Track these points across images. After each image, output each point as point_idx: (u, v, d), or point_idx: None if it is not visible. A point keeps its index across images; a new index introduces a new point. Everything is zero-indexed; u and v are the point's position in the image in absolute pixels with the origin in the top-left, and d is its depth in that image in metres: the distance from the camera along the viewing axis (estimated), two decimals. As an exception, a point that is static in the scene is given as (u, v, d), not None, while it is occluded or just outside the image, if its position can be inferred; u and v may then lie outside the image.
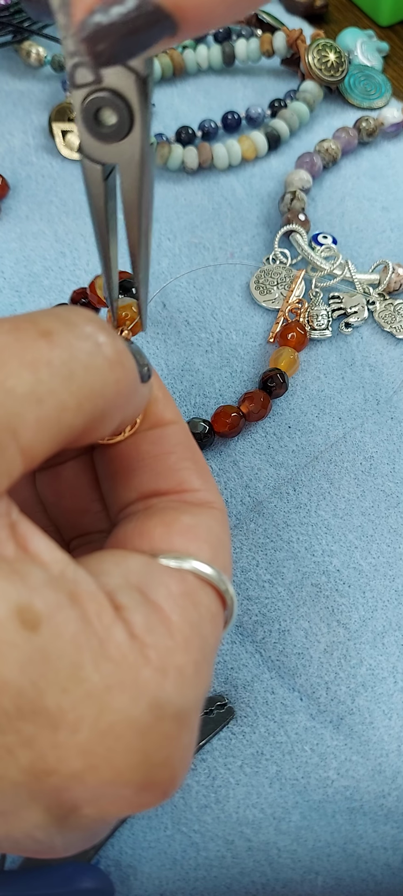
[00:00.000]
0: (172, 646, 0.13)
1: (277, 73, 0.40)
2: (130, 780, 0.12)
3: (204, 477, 0.16)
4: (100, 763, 0.12)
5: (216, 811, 0.21)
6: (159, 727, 0.12)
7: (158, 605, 0.13)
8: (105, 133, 0.14)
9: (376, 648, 0.23)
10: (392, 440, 0.28)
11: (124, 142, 0.14)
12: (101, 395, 0.13)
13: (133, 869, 0.20)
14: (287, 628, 0.24)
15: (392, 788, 0.21)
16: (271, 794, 0.21)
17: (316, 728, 0.22)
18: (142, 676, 0.12)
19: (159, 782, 0.12)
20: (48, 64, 0.38)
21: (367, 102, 0.38)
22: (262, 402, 0.27)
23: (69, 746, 0.11)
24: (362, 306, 0.30)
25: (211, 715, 0.22)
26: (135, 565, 0.14)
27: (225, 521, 0.16)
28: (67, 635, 0.11)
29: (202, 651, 0.13)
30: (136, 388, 0.15)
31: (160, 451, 0.16)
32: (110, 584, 0.13)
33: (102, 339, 0.13)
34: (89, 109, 0.14)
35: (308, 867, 0.20)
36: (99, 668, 0.11)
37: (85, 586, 0.12)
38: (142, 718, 0.12)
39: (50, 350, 0.12)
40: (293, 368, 0.28)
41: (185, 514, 0.15)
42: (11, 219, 0.33)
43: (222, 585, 0.14)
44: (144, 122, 0.14)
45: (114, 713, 0.12)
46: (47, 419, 0.12)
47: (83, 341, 0.13)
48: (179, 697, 0.12)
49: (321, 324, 0.29)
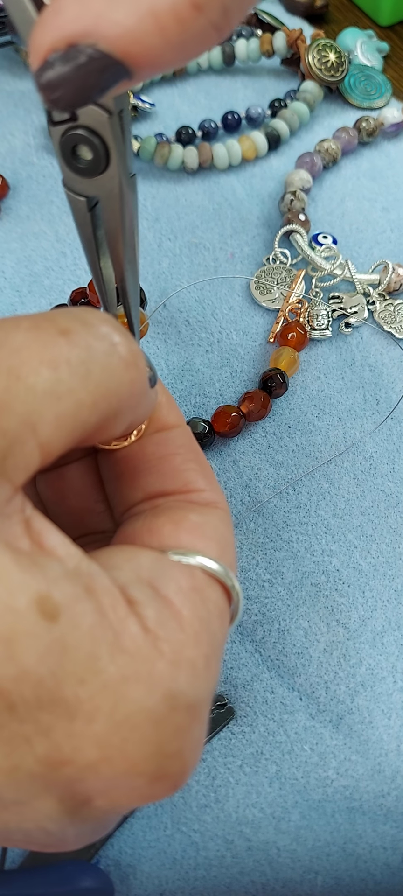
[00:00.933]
0: (184, 639, 0.13)
1: (277, 73, 0.40)
2: (143, 770, 0.12)
3: (209, 478, 0.17)
4: (115, 754, 0.12)
5: (216, 811, 0.21)
6: (172, 718, 0.12)
7: (169, 600, 0.13)
8: (83, 168, 0.14)
9: (375, 648, 0.23)
10: (391, 440, 0.28)
11: (102, 176, 0.14)
12: (116, 394, 0.13)
13: (133, 868, 0.20)
14: (286, 628, 0.24)
15: (392, 788, 0.21)
16: (271, 794, 0.21)
17: (316, 727, 0.22)
18: (156, 668, 0.12)
19: (171, 774, 0.13)
20: (48, 64, 0.38)
21: (367, 102, 0.38)
22: (262, 402, 0.27)
23: (85, 736, 0.11)
24: (362, 306, 0.30)
25: (211, 715, 0.22)
26: (146, 561, 0.14)
27: (229, 520, 0.16)
28: (85, 626, 0.11)
29: (211, 645, 0.14)
30: (147, 389, 0.15)
31: (165, 453, 0.16)
32: (122, 579, 0.13)
33: (117, 340, 0.13)
34: (66, 145, 0.14)
35: (307, 867, 0.20)
36: (115, 660, 0.12)
37: (99, 580, 0.12)
38: (156, 709, 0.12)
39: (69, 349, 0.12)
40: (293, 368, 0.28)
41: (192, 512, 0.15)
42: (12, 219, 0.33)
43: (229, 581, 0.15)
44: (121, 156, 0.14)
45: (130, 704, 0.12)
46: (65, 416, 0.12)
47: (99, 341, 0.13)
48: (191, 690, 0.13)
49: (321, 324, 0.29)
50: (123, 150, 0.14)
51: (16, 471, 0.12)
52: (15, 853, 0.20)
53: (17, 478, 0.12)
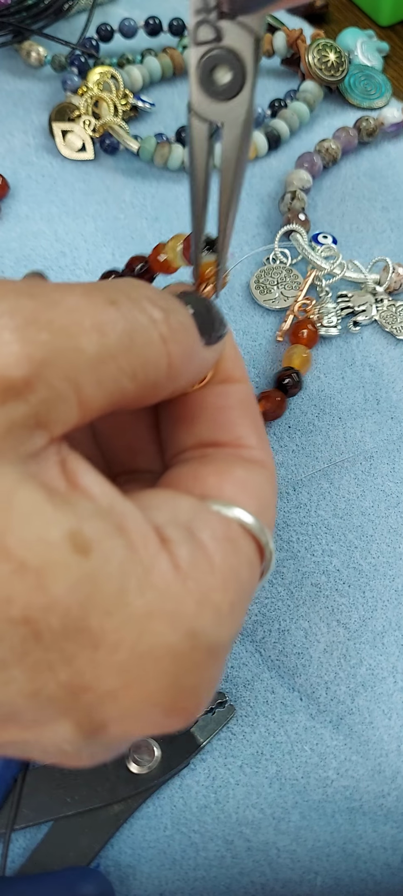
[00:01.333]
0: (213, 583, 0.13)
1: (277, 73, 0.40)
2: (160, 701, 0.13)
3: (261, 437, 0.17)
4: (134, 682, 0.12)
5: (215, 811, 0.21)
6: (192, 656, 0.13)
7: (203, 544, 0.14)
8: (217, 91, 0.15)
9: (376, 648, 0.23)
10: (392, 440, 0.28)
11: (234, 101, 0.15)
12: (155, 366, 0.14)
13: (132, 869, 0.20)
14: (286, 628, 0.24)
15: (392, 788, 0.21)
16: (271, 794, 0.21)
17: (316, 728, 0.22)
18: (182, 606, 0.13)
19: (185, 707, 0.13)
20: (48, 64, 0.38)
21: (367, 102, 0.38)
22: (278, 401, 0.27)
23: (107, 665, 0.12)
24: (370, 305, 0.30)
25: (212, 714, 0.22)
26: (185, 505, 0.14)
27: (273, 481, 0.17)
28: (115, 561, 0.12)
29: (238, 593, 0.14)
30: (193, 357, 0.15)
31: (223, 405, 0.17)
32: (159, 519, 0.14)
33: (158, 316, 0.14)
34: (206, 66, 0.15)
35: (307, 867, 0.20)
36: (143, 594, 0.12)
37: (132, 518, 0.13)
38: (178, 645, 0.13)
39: (116, 318, 0.13)
40: (306, 367, 0.28)
41: (239, 467, 0.16)
42: (11, 218, 0.33)
43: (263, 538, 0.15)
44: (253, 83, 0.15)
45: (153, 637, 0.12)
46: (106, 380, 0.13)
47: (142, 314, 0.14)
48: (214, 631, 0.13)
49: (331, 321, 0.29)
50: (255, 77, 0.15)
51: (56, 423, 0.12)
52: (16, 861, 0.20)
53: (55, 430, 0.12)
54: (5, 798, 0.20)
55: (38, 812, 0.20)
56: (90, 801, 0.20)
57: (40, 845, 0.19)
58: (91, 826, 0.20)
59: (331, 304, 0.30)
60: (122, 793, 0.20)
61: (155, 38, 0.39)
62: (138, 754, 0.21)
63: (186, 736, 0.21)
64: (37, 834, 0.20)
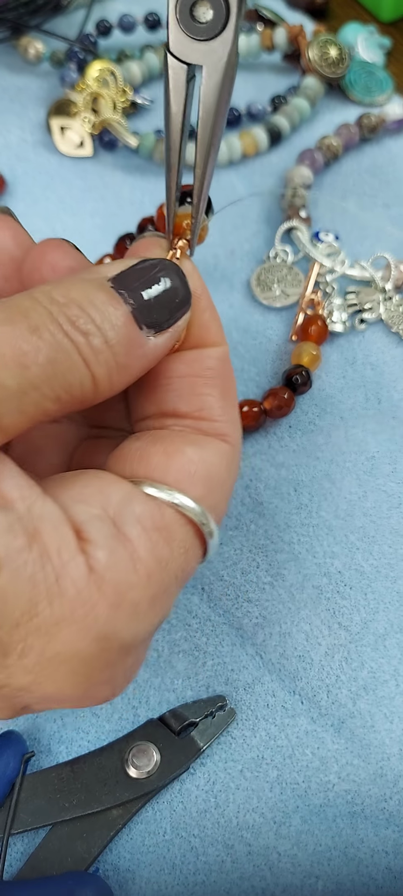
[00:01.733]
0: (132, 580, 0.14)
1: (278, 69, 0.40)
2: (71, 695, 0.14)
3: (227, 408, 0.17)
4: (45, 681, 0.13)
5: (215, 816, 0.21)
6: (103, 656, 0.14)
7: (128, 539, 0.14)
8: (198, 29, 0.14)
9: (377, 651, 0.23)
10: (394, 440, 0.27)
11: (215, 41, 0.14)
12: (80, 387, 0.14)
13: (131, 874, 0.20)
14: (287, 631, 0.23)
15: (394, 792, 0.21)
16: (271, 799, 0.21)
17: (317, 732, 0.22)
18: (93, 611, 0.13)
19: (100, 696, 0.14)
20: (47, 60, 0.37)
21: (369, 98, 0.38)
22: (286, 399, 0.26)
23: (17, 668, 0.13)
24: (377, 302, 0.30)
25: (212, 718, 0.21)
26: (116, 496, 0.14)
27: (234, 456, 0.16)
28: (25, 576, 0.13)
29: (163, 584, 0.14)
30: (132, 358, 0.15)
31: (188, 373, 0.16)
32: (83, 515, 0.14)
33: (79, 339, 0.14)
34: (186, 2, 0.14)
35: (308, 871, 0.20)
36: (51, 604, 0.13)
37: (49, 522, 0.13)
38: (87, 650, 0.13)
39: (37, 347, 0.13)
40: (316, 364, 0.28)
41: (190, 445, 0.16)
42: (9, 215, 0.32)
43: (204, 523, 0.15)
44: (238, 22, 0.14)
45: (61, 644, 0.13)
46: (28, 408, 0.13)
47: (64, 338, 0.14)
48: (128, 630, 0.14)
49: (341, 317, 0.29)
50: (240, 17, 0.14)
51: None
52: (13, 865, 0.20)
53: None
54: (3, 802, 0.20)
55: (36, 816, 0.20)
56: (88, 806, 0.20)
57: (38, 850, 0.19)
58: (89, 831, 0.20)
59: (338, 301, 0.30)
60: (121, 797, 0.20)
61: (154, 34, 0.39)
62: (137, 759, 0.20)
63: (186, 740, 0.21)
64: (34, 838, 0.20)
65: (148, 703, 0.22)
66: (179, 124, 0.16)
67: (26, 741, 0.21)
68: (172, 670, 0.23)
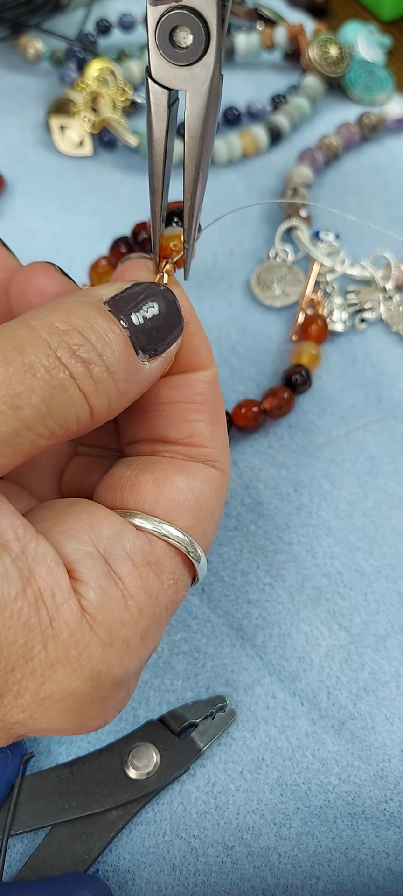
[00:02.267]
0: (124, 618, 0.14)
1: (278, 68, 0.39)
2: (64, 728, 0.14)
3: (217, 434, 0.17)
4: (40, 717, 0.14)
5: (216, 817, 0.21)
6: (96, 693, 0.14)
7: (119, 576, 0.14)
8: (178, 54, 0.14)
9: (378, 652, 0.23)
10: (394, 440, 0.27)
11: (197, 65, 0.14)
12: (76, 420, 0.14)
13: (131, 874, 0.20)
14: (287, 632, 0.23)
15: (395, 793, 0.21)
16: (271, 800, 0.21)
17: (318, 733, 0.22)
18: (86, 651, 0.13)
19: (92, 726, 0.15)
20: (46, 59, 0.37)
21: (369, 97, 0.38)
22: (286, 399, 0.26)
23: (12, 706, 0.13)
24: (378, 302, 0.30)
25: (212, 719, 0.21)
26: (108, 531, 0.15)
27: (222, 484, 0.17)
28: (20, 623, 0.13)
29: (154, 618, 0.15)
30: (129, 385, 0.15)
31: (178, 399, 0.16)
32: (75, 554, 0.14)
33: (79, 371, 0.14)
34: (165, 28, 0.13)
35: (308, 872, 0.20)
36: (46, 647, 0.13)
37: (43, 564, 0.13)
38: (80, 689, 0.14)
39: (31, 387, 0.13)
40: (315, 364, 0.28)
41: (181, 473, 0.16)
42: (7, 215, 0.32)
43: (193, 554, 0.15)
44: (219, 45, 0.14)
45: (55, 684, 0.13)
46: (21, 447, 0.13)
47: (61, 372, 0.13)
48: (120, 667, 0.14)
49: (342, 317, 0.29)
50: (222, 40, 0.14)
51: None
52: (13, 866, 0.20)
53: None
54: (2, 803, 0.20)
55: (36, 817, 0.19)
56: (88, 807, 0.20)
57: (37, 851, 0.19)
58: (89, 832, 0.20)
59: (338, 300, 0.29)
60: (121, 798, 0.20)
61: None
62: (137, 760, 0.20)
63: (186, 741, 0.21)
64: (34, 839, 0.20)
65: (147, 704, 0.22)
66: (162, 149, 0.15)
67: (25, 742, 0.21)
68: (172, 671, 0.23)
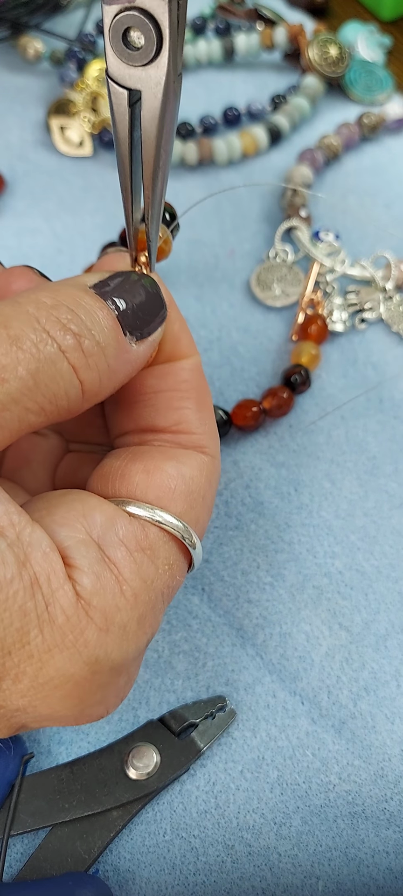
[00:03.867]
0: (120, 603, 0.14)
1: (278, 68, 0.39)
2: (66, 716, 0.14)
3: (204, 420, 0.17)
4: (39, 703, 0.14)
5: (216, 816, 0.21)
6: (95, 679, 0.14)
7: (113, 562, 0.14)
8: (132, 55, 0.14)
9: (378, 652, 0.23)
10: (395, 440, 0.27)
11: (150, 66, 0.14)
12: (66, 396, 0.14)
13: (131, 874, 0.20)
14: (288, 631, 0.23)
15: (395, 793, 0.21)
16: (272, 800, 0.21)
17: (318, 732, 0.22)
18: (82, 636, 0.13)
19: (94, 715, 0.15)
20: (46, 59, 0.37)
21: (369, 97, 0.38)
22: (285, 398, 0.26)
23: (11, 692, 0.13)
24: (378, 302, 0.30)
25: (212, 718, 0.21)
26: (100, 518, 0.15)
27: (213, 469, 0.17)
28: (16, 606, 0.13)
29: (150, 604, 0.15)
30: (119, 364, 0.15)
31: (163, 388, 0.16)
32: (69, 541, 0.14)
33: (68, 343, 0.14)
34: (118, 28, 0.13)
35: (309, 872, 0.20)
36: (42, 631, 0.13)
37: (38, 550, 0.13)
38: (78, 673, 0.13)
39: (18, 359, 0.13)
40: (315, 364, 0.28)
41: (170, 460, 0.16)
42: (8, 215, 0.32)
43: (188, 540, 0.15)
44: (173, 48, 0.14)
45: (52, 670, 0.13)
46: (9, 422, 0.13)
47: (49, 346, 0.13)
48: (118, 652, 0.14)
49: (342, 317, 0.29)
50: (176, 41, 0.14)
51: None
52: (13, 866, 0.20)
53: None
54: (2, 803, 0.20)
55: (36, 817, 0.19)
56: (88, 807, 0.20)
57: (38, 851, 0.19)
58: (89, 831, 0.20)
59: (339, 300, 0.29)
60: (121, 798, 0.20)
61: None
62: (137, 760, 0.20)
63: (186, 741, 0.21)
64: (34, 839, 0.20)
65: (148, 703, 0.22)
66: (127, 147, 0.15)
67: (26, 742, 0.21)
68: (172, 671, 0.23)
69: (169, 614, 0.23)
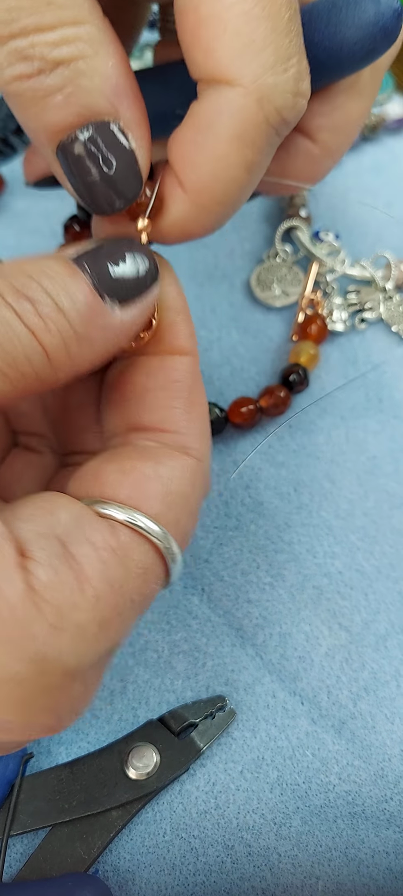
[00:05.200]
0: (78, 601, 0.13)
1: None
2: (10, 720, 0.13)
3: (193, 420, 0.16)
4: None
5: (216, 817, 0.21)
6: (42, 680, 0.13)
7: (76, 560, 0.13)
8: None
9: (378, 652, 0.23)
10: (395, 440, 0.27)
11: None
12: (28, 361, 0.13)
13: (131, 874, 0.20)
14: (288, 631, 0.23)
15: (395, 793, 0.21)
16: (271, 800, 0.21)
17: (318, 733, 0.22)
18: (29, 630, 0.12)
19: (43, 724, 0.13)
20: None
21: (369, 97, 0.38)
22: (282, 397, 0.26)
23: None
24: (378, 301, 0.30)
25: (212, 718, 0.21)
26: (66, 516, 0.14)
27: (198, 472, 0.16)
28: None
29: (116, 608, 0.14)
30: (95, 329, 0.14)
31: (153, 385, 0.16)
32: (28, 534, 0.13)
33: (23, 307, 0.13)
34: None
35: (308, 872, 0.20)
36: None
37: None
38: (22, 671, 0.12)
39: None
40: (313, 364, 0.28)
41: (149, 460, 0.15)
42: (8, 215, 0.32)
43: (163, 542, 0.14)
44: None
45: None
46: None
47: (3, 309, 0.13)
48: (73, 654, 0.13)
49: (341, 317, 0.29)
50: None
51: None
52: (13, 866, 0.20)
53: None
54: (2, 803, 0.20)
55: (36, 818, 0.19)
56: (88, 808, 0.20)
57: (37, 851, 0.19)
58: (89, 832, 0.20)
59: (338, 300, 0.29)
60: (121, 798, 0.20)
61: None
62: (137, 760, 0.20)
63: (186, 741, 0.21)
64: (34, 840, 0.20)
65: (147, 703, 0.22)
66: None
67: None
68: (172, 671, 0.23)
69: (168, 614, 0.23)
